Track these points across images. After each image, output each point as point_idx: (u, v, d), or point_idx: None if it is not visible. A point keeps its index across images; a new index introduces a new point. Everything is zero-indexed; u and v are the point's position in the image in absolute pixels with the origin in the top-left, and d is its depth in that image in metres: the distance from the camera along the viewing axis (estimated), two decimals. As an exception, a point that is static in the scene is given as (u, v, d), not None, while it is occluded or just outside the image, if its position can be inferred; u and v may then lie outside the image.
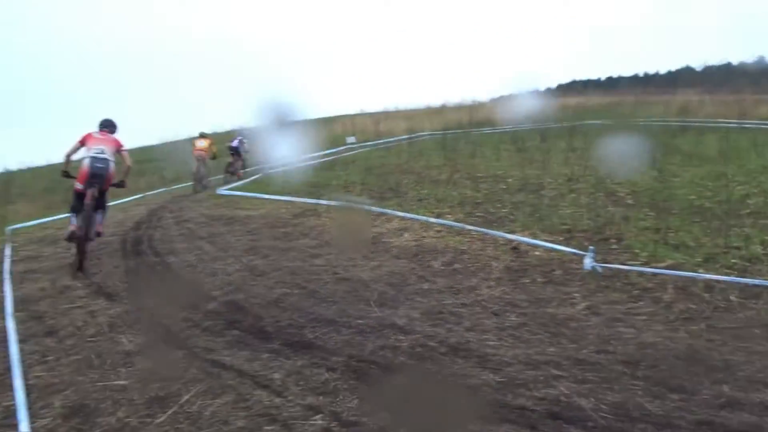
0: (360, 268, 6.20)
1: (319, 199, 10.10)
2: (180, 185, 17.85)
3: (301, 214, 9.38)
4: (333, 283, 5.70)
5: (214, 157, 16.13)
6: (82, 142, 6.99)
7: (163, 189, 17.26)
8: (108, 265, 6.90)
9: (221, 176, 16.78)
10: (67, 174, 7.04)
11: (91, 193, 6.67)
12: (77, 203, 6.72)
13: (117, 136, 7.32)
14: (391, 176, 12.67)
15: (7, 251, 7.90)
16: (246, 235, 8.25)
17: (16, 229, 10.41)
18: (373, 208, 8.92)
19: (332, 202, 9.72)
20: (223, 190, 13.39)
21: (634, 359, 3.69)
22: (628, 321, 4.37)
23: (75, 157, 7.11)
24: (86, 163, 6.77)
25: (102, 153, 6.83)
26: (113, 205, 12.12)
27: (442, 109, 34.84)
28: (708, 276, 5.03)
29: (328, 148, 25.06)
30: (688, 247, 6.00)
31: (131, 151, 7.50)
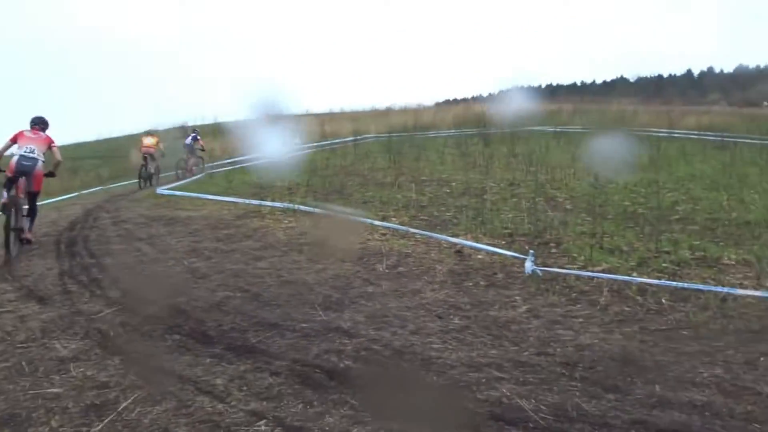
0: (304, 270, 6.16)
1: (262, 200, 9.97)
2: (117, 183, 17.29)
3: (244, 215, 9.24)
4: (277, 286, 5.64)
5: (162, 155, 16.25)
6: (14, 140, 7.34)
7: (100, 187, 16.68)
8: (40, 267, 6.59)
9: (171, 173, 16.64)
10: None
11: (21, 182, 7.14)
12: (8, 183, 7.14)
13: (48, 132, 7.68)
14: (335, 178, 12.65)
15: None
16: (187, 236, 8.05)
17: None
18: (318, 210, 8.89)
19: (276, 204, 9.62)
20: (163, 190, 13.03)
21: (572, 361, 3.82)
22: (567, 323, 4.52)
23: (7, 153, 7.48)
24: (14, 160, 7.19)
25: (32, 152, 7.25)
26: (46, 203, 11.64)
27: (387, 112, 35.04)
28: (641, 279, 5.26)
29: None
30: (623, 251, 6.27)
31: (67, 147, 7.49)
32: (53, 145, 7.55)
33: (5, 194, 7.05)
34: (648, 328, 4.39)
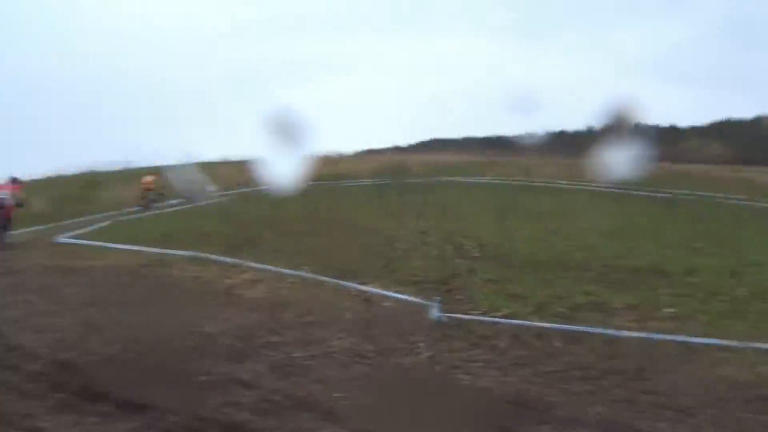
0: (209, 321, 5.97)
1: (168, 249, 9.64)
2: (29, 228, 16.17)
3: (148, 264, 8.89)
4: (179, 338, 5.43)
5: (162, 186, 18.97)
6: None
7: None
8: None
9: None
10: None
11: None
12: None
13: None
14: (249, 226, 12.44)
15: None
16: (86, 287, 7.63)
17: None
18: (227, 259, 8.69)
19: (182, 253, 9.32)
20: (63, 239, 12.33)
21: (468, 405, 3.90)
22: (466, 368, 4.61)
23: None
24: None
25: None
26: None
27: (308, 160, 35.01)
28: (537, 324, 5.48)
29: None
30: (523, 297, 6.51)
31: None
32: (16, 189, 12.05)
33: None
34: (542, 370, 4.56)
